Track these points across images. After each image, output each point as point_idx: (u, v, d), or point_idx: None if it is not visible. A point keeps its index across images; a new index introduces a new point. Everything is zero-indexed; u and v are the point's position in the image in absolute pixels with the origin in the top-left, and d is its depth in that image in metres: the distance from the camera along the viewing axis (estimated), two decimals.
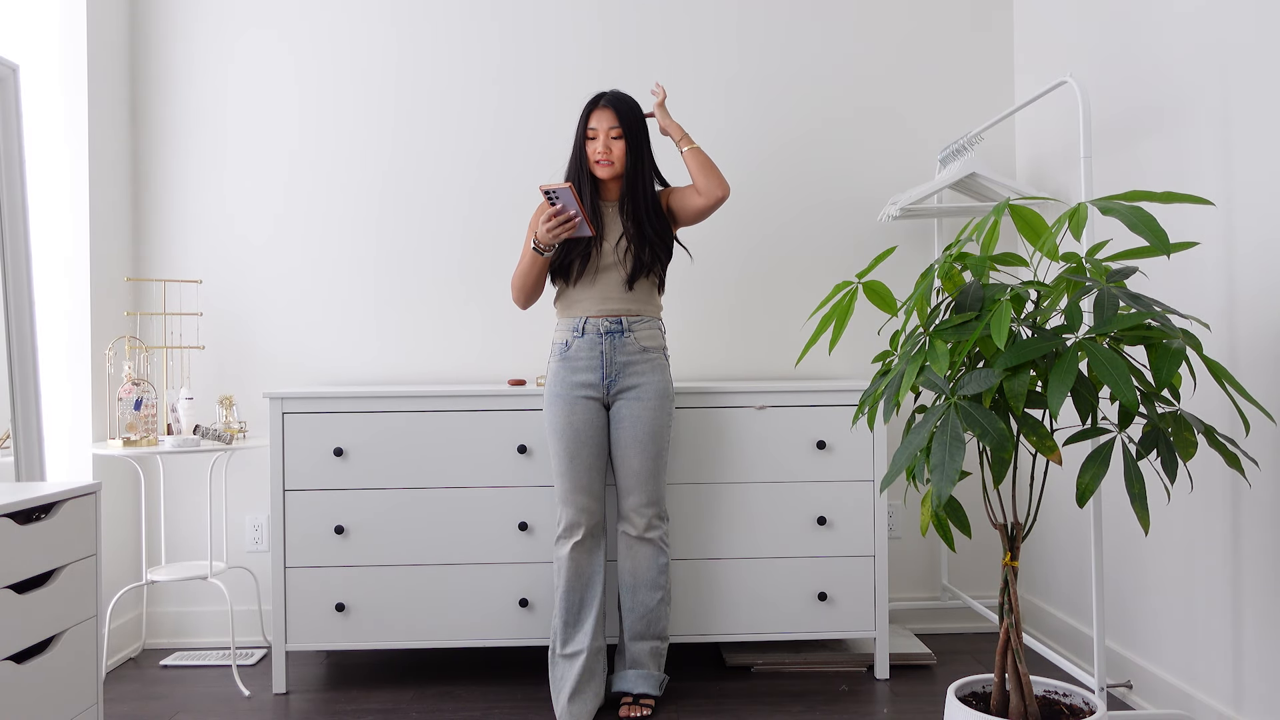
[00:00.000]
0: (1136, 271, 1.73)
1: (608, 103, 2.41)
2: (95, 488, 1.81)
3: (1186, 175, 2.21)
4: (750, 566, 2.63)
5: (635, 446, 2.39)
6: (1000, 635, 1.80)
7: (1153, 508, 2.33)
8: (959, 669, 2.71)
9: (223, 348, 3.02)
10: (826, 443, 2.63)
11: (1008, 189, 2.77)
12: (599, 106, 2.42)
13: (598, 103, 2.42)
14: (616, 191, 2.47)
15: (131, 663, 2.85)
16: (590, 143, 2.42)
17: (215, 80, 3.03)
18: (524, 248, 2.46)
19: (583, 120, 2.43)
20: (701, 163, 2.41)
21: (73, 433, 2.76)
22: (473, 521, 2.59)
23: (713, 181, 2.41)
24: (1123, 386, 1.52)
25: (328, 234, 3.05)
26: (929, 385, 1.67)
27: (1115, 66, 2.50)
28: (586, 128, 2.42)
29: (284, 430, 2.56)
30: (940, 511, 1.74)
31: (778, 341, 3.09)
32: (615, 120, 2.40)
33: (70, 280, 2.77)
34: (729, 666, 2.73)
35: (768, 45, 3.11)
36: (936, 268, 1.82)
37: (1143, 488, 1.61)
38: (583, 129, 2.43)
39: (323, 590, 2.56)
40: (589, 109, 2.43)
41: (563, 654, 2.40)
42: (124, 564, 2.93)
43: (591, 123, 2.41)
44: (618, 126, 2.40)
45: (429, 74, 3.06)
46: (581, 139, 2.43)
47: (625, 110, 2.41)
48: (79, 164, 2.78)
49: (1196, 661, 2.19)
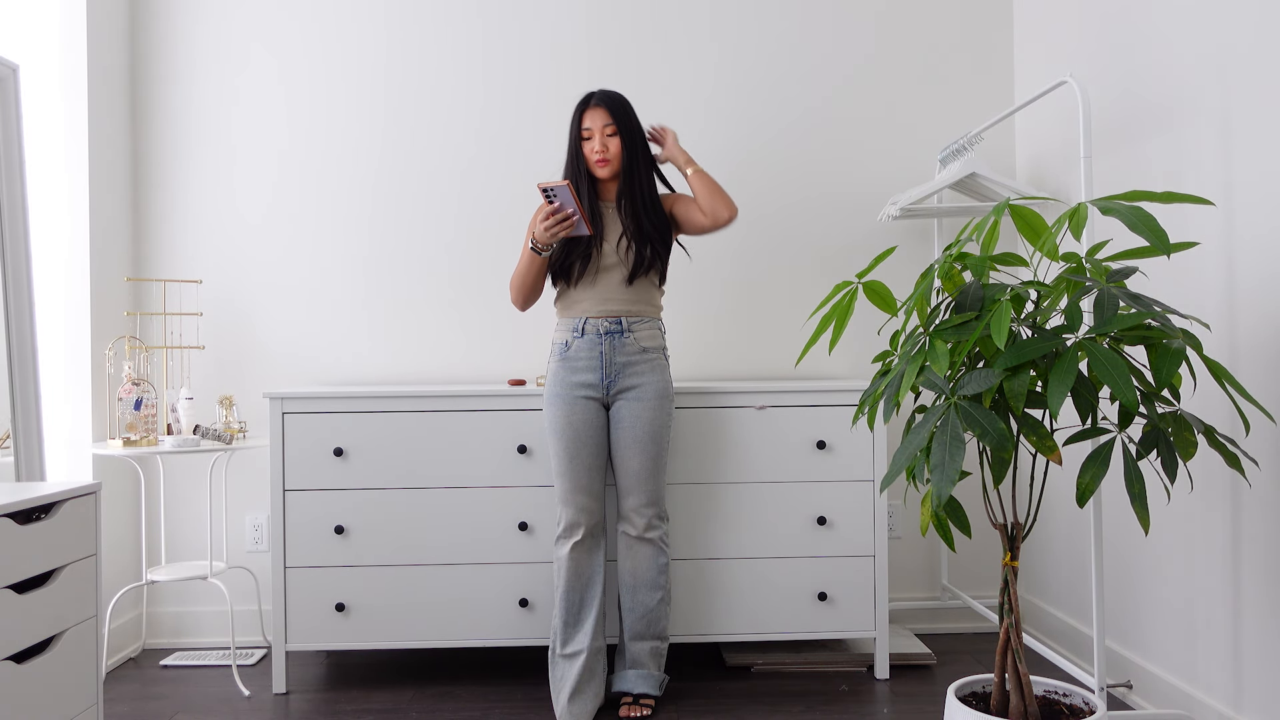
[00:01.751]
0: (1136, 271, 1.73)
1: (599, 101, 2.41)
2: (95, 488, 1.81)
3: (1186, 175, 2.21)
4: (750, 566, 2.63)
5: (635, 446, 2.39)
6: (1000, 635, 1.80)
7: (1153, 508, 2.33)
8: (959, 669, 2.71)
9: (223, 348, 3.02)
10: (826, 443, 2.63)
11: (1008, 189, 2.77)
12: (591, 106, 2.41)
13: (589, 102, 2.42)
14: (614, 191, 2.47)
15: (131, 663, 2.85)
16: (586, 143, 2.41)
17: (216, 80, 3.03)
18: (523, 249, 2.46)
19: (576, 121, 2.43)
20: (707, 185, 2.42)
21: (73, 433, 2.76)
22: (473, 521, 2.59)
23: (719, 203, 2.41)
24: (1123, 386, 1.52)
25: (329, 234, 3.05)
26: (929, 385, 1.67)
27: (1115, 66, 2.50)
28: (581, 128, 2.42)
29: (284, 430, 2.56)
30: (940, 511, 1.74)
31: (778, 341, 3.09)
32: (609, 118, 2.40)
33: (70, 280, 2.77)
34: (729, 666, 2.73)
35: (766, 44, 3.10)
36: (936, 268, 1.82)
37: (1143, 488, 1.61)
38: (577, 130, 2.43)
39: (323, 590, 2.56)
40: (581, 109, 2.42)
41: (563, 654, 2.40)
42: (124, 564, 2.93)
43: (585, 123, 2.41)
44: (612, 124, 2.40)
45: (419, 72, 3.06)
46: (577, 140, 2.43)
47: (617, 107, 2.41)
48: (79, 164, 2.78)
49: (1196, 661, 2.19)
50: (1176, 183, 2.23)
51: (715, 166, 3.07)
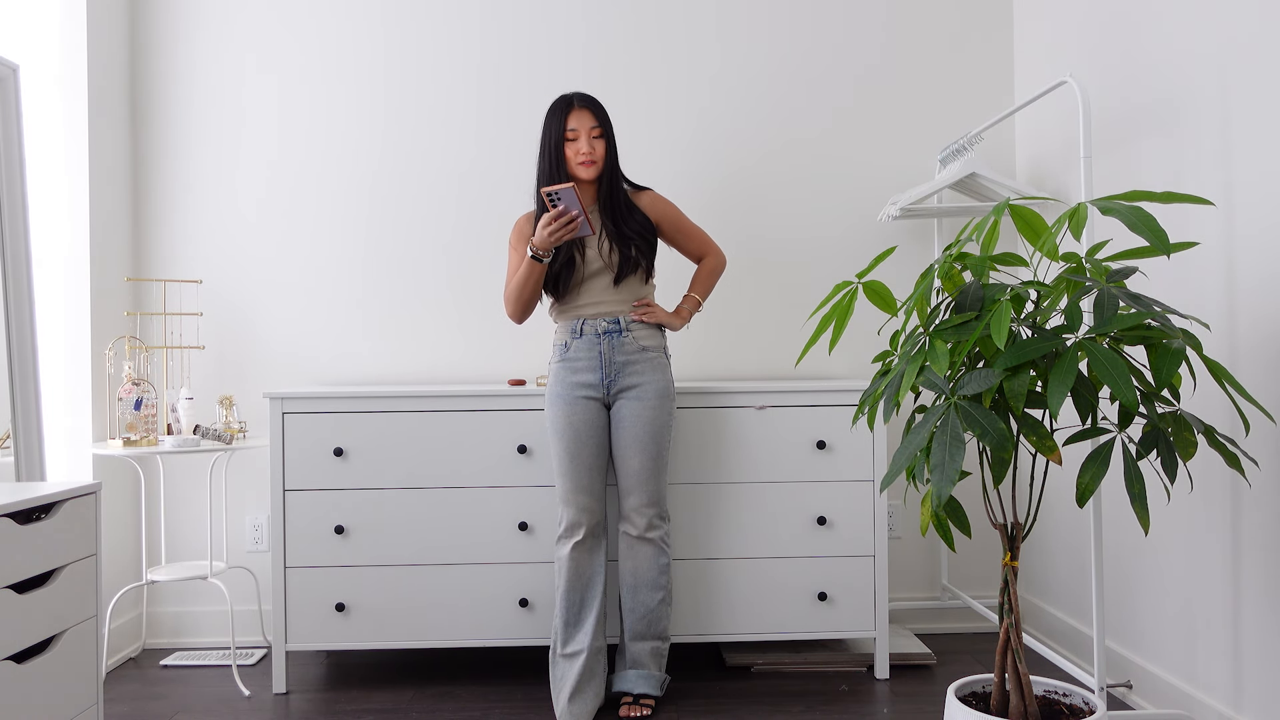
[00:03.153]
0: (1136, 271, 1.73)
1: (584, 103, 2.41)
2: (95, 488, 1.81)
3: (1186, 175, 2.21)
4: (750, 566, 2.63)
5: (636, 446, 2.39)
6: (1000, 635, 1.80)
7: (1153, 508, 2.34)
8: (959, 669, 2.71)
9: (223, 348, 3.02)
10: (827, 443, 2.63)
11: (1008, 189, 2.77)
12: (576, 108, 2.41)
13: (572, 104, 2.41)
14: (593, 193, 2.47)
15: (131, 663, 2.86)
16: (570, 144, 2.40)
17: (216, 80, 3.04)
18: (510, 265, 2.47)
19: (557, 124, 2.40)
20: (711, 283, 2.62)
21: (73, 433, 2.76)
22: (473, 521, 2.59)
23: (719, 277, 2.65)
24: (1123, 386, 1.53)
25: (328, 233, 3.05)
26: (929, 385, 1.67)
27: (1115, 66, 2.50)
28: (565, 130, 2.40)
29: (284, 430, 2.56)
30: (940, 511, 1.74)
31: (778, 341, 3.09)
32: (595, 120, 2.40)
33: (70, 280, 2.78)
34: (729, 666, 2.73)
35: (765, 43, 3.11)
36: (936, 268, 1.82)
37: (1143, 488, 1.61)
38: (559, 131, 2.40)
39: (323, 590, 2.56)
40: (564, 111, 2.40)
41: (563, 654, 2.40)
42: (124, 564, 2.93)
43: (571, 124, 2.40)
44: (598, 126, 2.40)
45: (418, 72, 3.06)
46: (559, 141, 2.40)
47: (601, 110, 2.43)
48: (79, 164, 2.78)
49: (1196, 661, 2.20)
50: (1176, 182, 2.23)
51: (714, 168, 3.08)
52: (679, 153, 3.07)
